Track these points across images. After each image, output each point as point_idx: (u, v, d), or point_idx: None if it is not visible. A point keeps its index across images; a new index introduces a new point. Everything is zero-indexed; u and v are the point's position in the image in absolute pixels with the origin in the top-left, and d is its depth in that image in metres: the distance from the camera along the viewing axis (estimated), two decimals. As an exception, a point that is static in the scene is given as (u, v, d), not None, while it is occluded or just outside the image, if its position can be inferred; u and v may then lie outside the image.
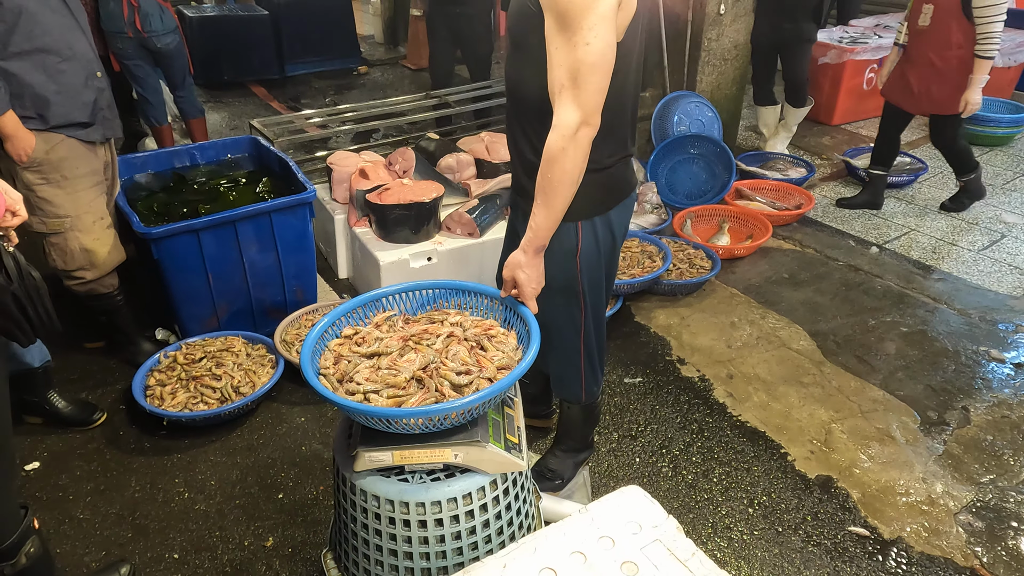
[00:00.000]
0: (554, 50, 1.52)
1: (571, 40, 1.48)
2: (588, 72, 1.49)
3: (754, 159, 4.67)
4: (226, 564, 2.06)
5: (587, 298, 1.93)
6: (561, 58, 1.50)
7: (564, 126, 1.53)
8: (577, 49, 1.48)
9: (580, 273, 1.87)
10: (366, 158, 3.47)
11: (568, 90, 1.51)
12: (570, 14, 1.46)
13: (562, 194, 1.59)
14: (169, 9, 4.06)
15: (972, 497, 2.29)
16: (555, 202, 1.60)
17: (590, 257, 1.86)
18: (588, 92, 1.51)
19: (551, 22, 1.50)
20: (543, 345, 2.04)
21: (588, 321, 1.98)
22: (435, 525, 1.53)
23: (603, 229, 1.83)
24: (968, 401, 2.70)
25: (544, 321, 1.95)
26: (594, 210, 1.80)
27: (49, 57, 2.28)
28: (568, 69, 1.50)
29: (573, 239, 1.82)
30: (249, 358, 2.71)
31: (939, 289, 3.43)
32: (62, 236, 2.45)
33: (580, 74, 1.49)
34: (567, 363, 2.07)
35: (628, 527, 1.44)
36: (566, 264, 1.85)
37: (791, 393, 2.75)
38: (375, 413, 1.41)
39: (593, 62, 1.49)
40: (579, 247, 1.83)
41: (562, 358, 2.06)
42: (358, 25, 7.62)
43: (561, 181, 1.57)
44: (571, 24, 1.47)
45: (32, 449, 2.44)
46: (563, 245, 1.81)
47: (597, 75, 1.51)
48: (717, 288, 3.44)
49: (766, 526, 2.19)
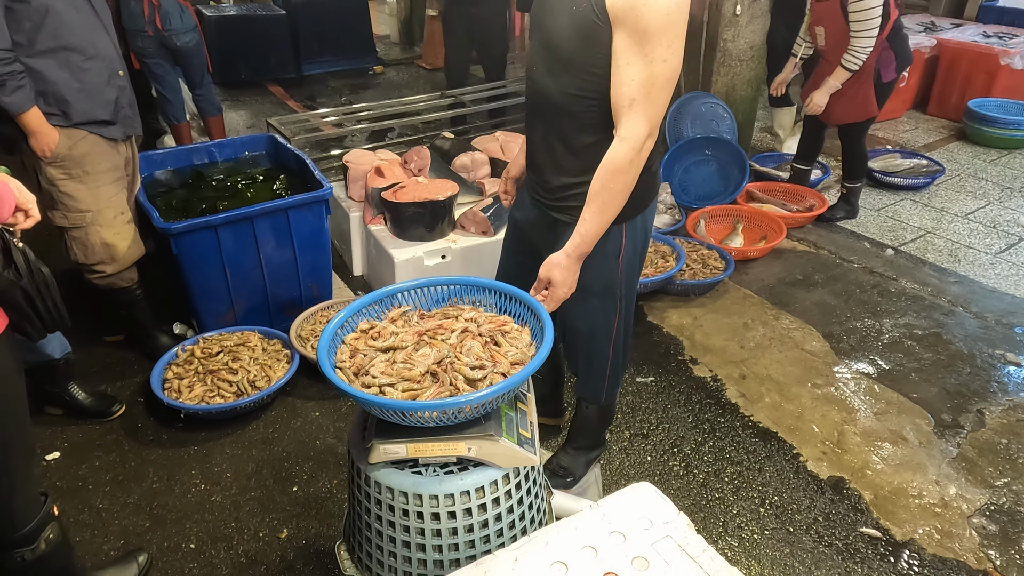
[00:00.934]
0: (625, 64, 1.52)
1: (648, 56, 1.50)
2: (661, 88, 1.53)
3: (768, 160, 4.66)
4: (241, 555, 2.09)
5: (623, 301, 1.95)
6: (634, 73, 1.52)
7: (634, 139, 1.56)
8: (654, 65, 1.50)
9: (621, 275, 1.89)
10: (382, 156, 3.50)
11: (640, 104, 1.54)
12: (651, 31, 1.48)
13: (619, 203, 1.65)
14: (189, 8, 4.12)
15: (986, 500, 2.28)
16: (609, 210, 1.65)
17: (631, 258, 1.88)
18: (658, 107, 1.55)
19: (625, 37, 1.51)
20: (571, 347, 2.08)
21: (620, 324, 1.99)
22: (448, 518, 1.55)
23: (641, 229, 1.87)
24: (983, 404, 2.69)
25: (577, 325, 1.98)
26: (635, 211, 1.82)
27: (73, 55, 2.33)
28: (642, 84, 1.52)
29: (618, 241, 1.84)
30: (265, 353, 2.74)
31: (955, 292, 3.41)
32: (83, 230, 2.50)
33: (654, 89, 1.52)
34: (594, 364, 2.07)
35: (639, 523, 1.45)
36: (608, 267, 1.86)
37: (804, 394, 2.74)
38: (390, 406, 1.43)
39: (668, 78, 1.52)
40: (622, 249, 1.85)
41: (589, 360, 2.07)
42: (375, 25, 7.68)
43: (623, 191, 1.62)
44: (650, 40, 1.48)
45: (53, 439, 2.49)
46: (607, 248, 1.82)
47: (668, 90, 1.55)
48: (730, 289, 3.44)
49: (777, 526, 2.20)
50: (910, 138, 5.31)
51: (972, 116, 5.10)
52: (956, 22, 6.04)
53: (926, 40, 5.45)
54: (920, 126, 5.54)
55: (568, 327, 2.01)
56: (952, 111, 5.54)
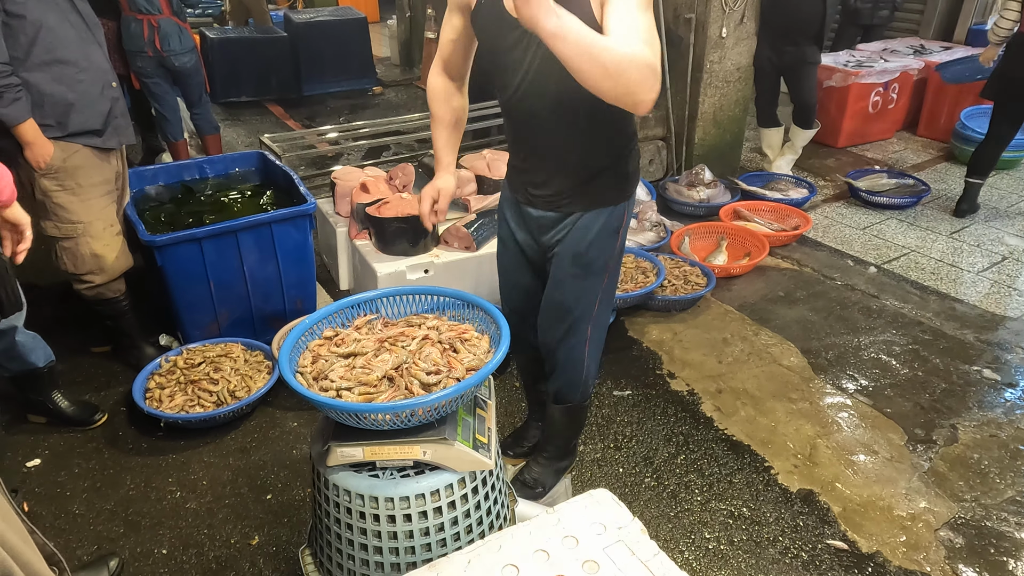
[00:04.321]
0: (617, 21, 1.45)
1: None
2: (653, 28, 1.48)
3: (756, 179, 4.71)
4: (212, 560, 2.11)
5: (611, 277, 2.01)
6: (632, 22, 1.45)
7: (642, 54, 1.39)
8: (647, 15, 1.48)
9: (616, 251, 1.97)
10: (369, 173, 3.57)
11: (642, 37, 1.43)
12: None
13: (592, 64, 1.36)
14: (188, 29, 4.23)
15: (954, 513, 2.29)
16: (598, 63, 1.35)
17: (624, 233, 1.98)
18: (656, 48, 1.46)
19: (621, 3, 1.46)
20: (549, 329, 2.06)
21: (602, 305, 2.05)
22: (404, 520, 1.58)
23: (631, 207, 1.98)
24: (957, 419, 2.70)
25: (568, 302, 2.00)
26: (631, 189, 1.93)
27: (67, 68, 2.41)
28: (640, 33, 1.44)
29: (620, 217, 1.93)
30: (247, 364, 2.79)
31: (935, 309, 3.43)
32: (74, 241, 2.57)
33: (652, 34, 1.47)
34: (574, 350, 2.07)
35: (593, 528, 1.47)
36: (607, 243, 1.94)
37: (778, 408, 2.77)
38: (344, 408, 1.47)
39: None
40: (623, 224, 1.95)
41: (569, 346, 2.06)
42: (375, 47, 7.81)
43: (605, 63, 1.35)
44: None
45: (34, 447, 2.53)
46: (610, 225, 1.91)
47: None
48: (712, 305, 3.47)
49: (744, 537, 2.21)
50: (899, 158, 5.36)
51: (959, 137, 5.15)
52: (945, 45, 6.11)
53: (914, 62, 5.52)
54: (909, 147, 5.59)
55: (554, 304, 2.02)
56: (940, 132, 5.59)
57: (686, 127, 4.69)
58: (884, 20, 6.21)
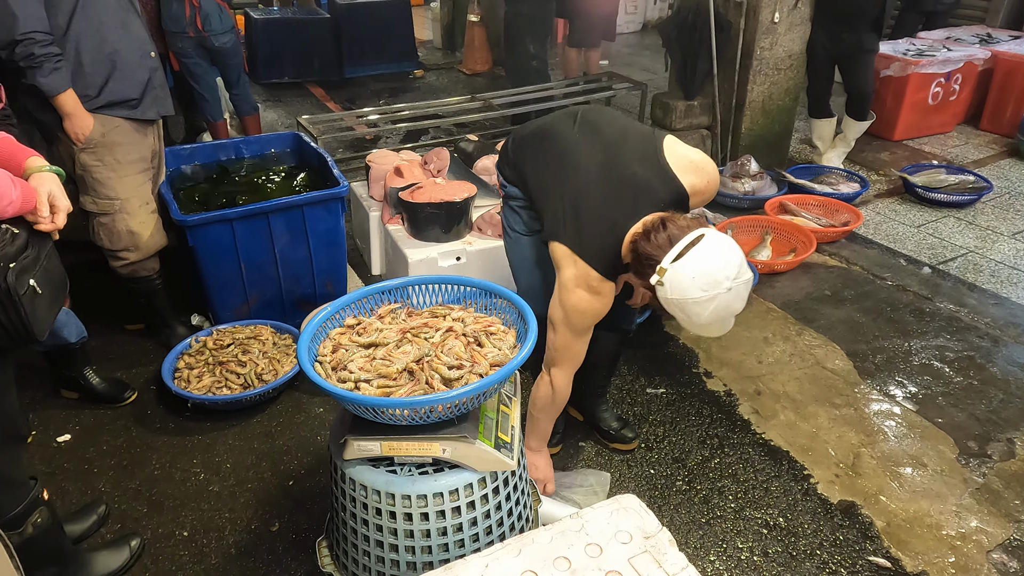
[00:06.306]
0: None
1: None
2: None
3: (805, 172, 4.52)
4: (232, 545, 2.10)
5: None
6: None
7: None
8: None
9: None
10: (403, 157, 3.51)
11: None
12: None
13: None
14: (227, 9, 4.22)
15: (1009, 535, 2.14)
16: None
17: None
18: None
19: None
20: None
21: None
22: (421, 519, 1.53)
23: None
24: (1015, 434, 2.53)
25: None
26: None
27: (107, 37, 2.41)
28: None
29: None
30: (275, 347, 2.77)
31: (995, 314, 3.24)
32: (111, 217, 2.57)
33: None
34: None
35: (619, 536, 1.40)
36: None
37: (821, 413, 2.63)
38: (360, 401, 1.41)
39: None
40: None
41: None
42: (418, 30, 7.75)
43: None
44: None
45: (65, 422, 2.55)
46: None
47: None
48: (753, 302, 3.33)
49: (780, 548, 2.10)
50: (959, 153, 5.09)
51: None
52: (1015, 34, 5.77)
53: (980, 52, 5.22)
54: (970, 141, 5.31)
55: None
56: (1005, 127, 5.29)
57: (733, 116, 4.51)
58: (948, 7, 5.90)
